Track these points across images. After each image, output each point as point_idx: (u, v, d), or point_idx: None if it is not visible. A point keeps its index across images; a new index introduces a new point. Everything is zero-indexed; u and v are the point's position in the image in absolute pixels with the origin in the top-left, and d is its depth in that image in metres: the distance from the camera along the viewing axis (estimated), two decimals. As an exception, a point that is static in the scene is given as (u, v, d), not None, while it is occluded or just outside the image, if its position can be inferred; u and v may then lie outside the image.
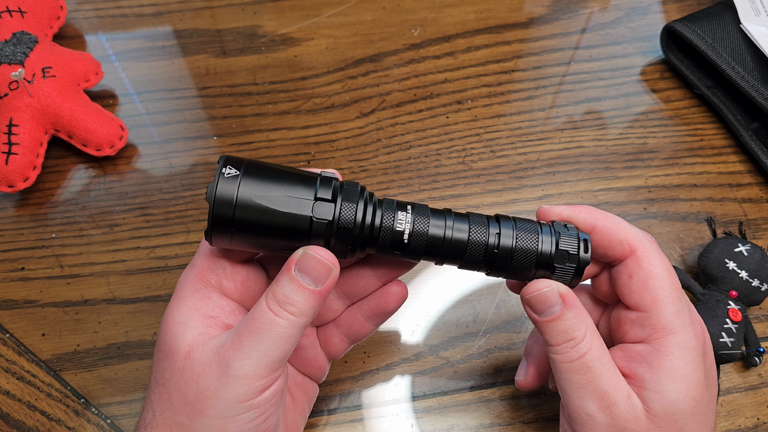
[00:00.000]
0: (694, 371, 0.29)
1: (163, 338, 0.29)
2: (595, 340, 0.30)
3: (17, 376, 0.41)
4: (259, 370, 0.27)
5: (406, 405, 0.41)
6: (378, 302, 0.34)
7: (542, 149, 0.51)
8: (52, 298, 0.44)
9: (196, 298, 0.30)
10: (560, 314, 0.30)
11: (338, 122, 0.52)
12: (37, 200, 0.48)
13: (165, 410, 0.28)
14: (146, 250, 0.45)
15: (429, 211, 0.30)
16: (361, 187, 0.30)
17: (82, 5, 0.58)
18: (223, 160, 0.28)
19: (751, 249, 0.42)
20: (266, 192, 0.28)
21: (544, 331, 0.31)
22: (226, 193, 0.28)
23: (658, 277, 0.30)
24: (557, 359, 0.30)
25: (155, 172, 0.49)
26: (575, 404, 0.30)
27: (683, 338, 0.29)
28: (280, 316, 0.28)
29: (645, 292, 0.30)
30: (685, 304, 0.30)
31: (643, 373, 0.29)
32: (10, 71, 0.45)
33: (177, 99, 0.53)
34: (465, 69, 0.55)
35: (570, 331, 0.30)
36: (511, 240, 0.30)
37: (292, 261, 0.28)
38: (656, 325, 0.29)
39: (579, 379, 0.29)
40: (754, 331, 0.42)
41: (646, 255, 0.30)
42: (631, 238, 0.30)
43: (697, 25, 0.51)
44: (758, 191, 0.49)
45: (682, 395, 0.28)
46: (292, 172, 0.29)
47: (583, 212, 0.32)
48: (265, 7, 0.58)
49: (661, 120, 0.53)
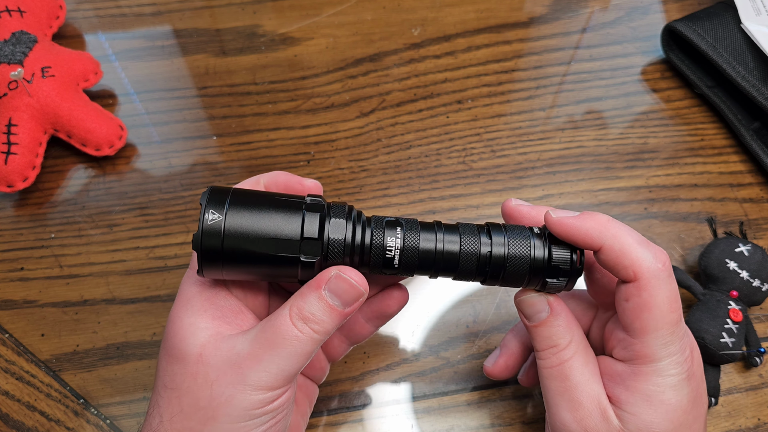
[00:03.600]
0: (673, 396, 0.29)
1: (170, 341, 0.29)
2: (580, 350, 0.30)
3: (16, 376, 0.41)
4: (276, 383, 0.28)
5: (406, 405, 0.40)
6: (379, 305, 0.34)
7: (543, 149, 0.51)
8: (52, 299, 0.43)
9: (202, 299, 0.30)
10: (546, 320, 0.30)
11: (338, 122, 0.52)
12: (37, 200, 0.47)
13: (174, 415, 0.28)
14: (145, 250, 0.45)
15: (419, 226, 0.30)
16: (348, 207, 0.30)
17: (81, 5, 0.57)
18: (205, 200, 0.28)
19: (751, 249, 0.42)
20: (252, 237, 0.28)
21: (532, 335, 0.31)
22: (211, 245, 0.28)
23: (654, 309, 0.28)
24: (540, 364, 0.31)
25: (154, 172, 0.49)
26: (552, 411, 0.30)
27: (666, 366, 0.29)
28: (303, 333, 0.28)
29: (636, 320, 0.29)
30: (679, 334, 0.29)
31: (620, 393, 0.29)
32: (9, 71, 0.45)
33: (176, 99, 0.53)
34: (465, 68, 0.55)
35: (555, 337, 0.30)
36: (503, 248, 0.30)
37: (323, 280, 0.28)
38: (639, 352, 0.29)
39: (557, 386, 0.30)
40: (754, 331, 0.42)
41: (648, 285, 0.28)
42: (638, 266, 0.28)
43: (697, 24, 0.51)
44: (759, 191, 0.49)
45: (658, 419, 0.28)
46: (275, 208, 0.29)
47: (592, 230, 0.29)
48: (265, 7, 0.58)
49: (662, 120, 0.53)
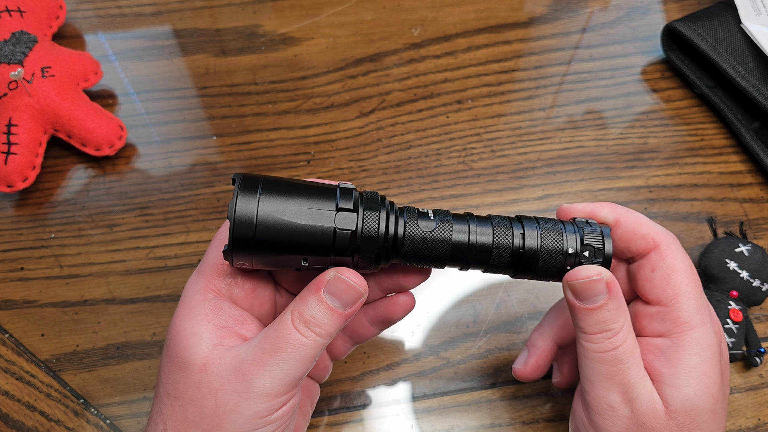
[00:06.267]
0: (712, 368, 0.29)
1: (174, 349, 0.29)
2: (631, 333, 0.30)
3: (16, 376, 0.41)
4: (282, 389, 0.27)
5: (406, 405, 0.40)
6: (385, 310, 0.34)
7: (543, 149, 0.51)
8: (52, 299, 0.43)
9: (207, 307, 0.29)
10: (603, 304, 0.29)
11: (338, 122, 0.52)
12: (37, 200, 0.47)
13: (179, 423, 0.28)
14: (145, 250, 0.45)
15: (451, 217, 0.30)
16: (381, 196, 0.29)
17: (81, 5, 0.57)
18: (239, 178, 0.28)
19: (751, 249, 0.42)
20: (286, 207, 0.27)
21: (582, 317, 0.30)
22: (245, 212, 0.27)
23: (681, 272, 0.30)
24: (589, 347, 0.30)
25: (154, 172, 0.49)
26: (599, 394, 0.30)
27: (703, 334, 0.29)
28: (305, 336, 0.28)
29: (668, 287, 0.30)
30: (705, 302, 0.30)
31: (661, 367, 0.29)
32: (9, 71, 0.45)
33: (176, 99, 0.52)
34: (465, 68, 0.55)
35: (609, 321, 0.29)
36: (536, 240, 0.30)
37: (322, 283, 0.28)
38: (677, 319, 0.29)
39: (607, 370, 0.29)
40: (754, 331, 0.42)
41: (669, 250, 0.30)
42: (655, 233, 0.31)
43: (697, 24, 0.51)
44: (759, 191, 0.49)
45: (700, 392, 0.28)
46: (311, 185, 0.29)
47: (605, 207, 0.32)
48: (265, 7, 0.58)
49: (662, 120, 0.53)
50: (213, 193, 0.48)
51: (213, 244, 0.31)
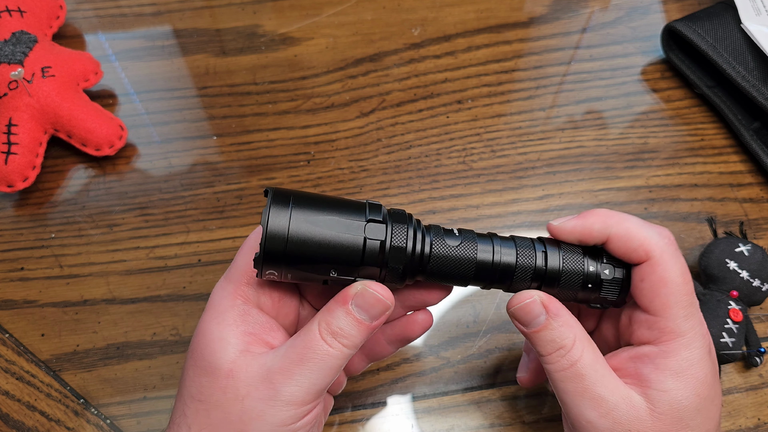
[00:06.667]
0: (699, 370, 0.29)
1: (200, 353, 0.29)
2: (586, 346, 0.30)
3: (16, 376, 0.41)
4: (307, 397, 0.28)
5: (407, 405, 0.40)
6: (403, 329, 0.34)
7: (543, 149, 0.51)
8: (52, 298, 0.43)
9: (235, 313, 0.30)
10: (546, 324, 0.30)
11: (338, 122, 0.52)
12: (37, 200, 0.47)
13: (203, 427, 0.28)
14: (146, 250, 0.45)
15: (476, 236, 0.31)
16: (408, 213, 0.30)
17: (81, 5, 0.57)
18: (272, 192, 0.28)
19: (751, 249, 0.42)
20: (316, 220, 0.28)
21: (534, 342, 0.31)
22: (278, 226, 0.27)
23: (670, 284, 0.29)
24: (550, 369, 0.30)
25: (154, 172, 0.49)
26: (575, 412, 0.30)
27: (690, 340, 0.29)
28: (333, 347, 0.28)
29: (656, 298, 0.30)
30: (695, 307, 0.30)
31: (649, 373, 0.29)
32: (9, 71, 0.45)
33: (176, 99, 0.53)
34: (465, 68, 0.55)
35: (558, 339, 0.30)
36: (558, 262, 0.30)
37: (349, 295, 0.29)
38: (664, 329, 0.30)
39: (574, 387, 0.30)
40: (754, 331, 0.42)
41: (661, 260, 0.30)
42: (647, 243, 0.30)
43: (697, 24, 0.51)
44: (759, 191, 0.49)
45: (687, 393, 0.29)
46: (340, 200, 0.29)
47: (596, 223, 0.31)
48: (265, 7, 0.58)
49: (662, 120, 0.53)
50: (213, 193, 0.48)
51: (242, 251, 0.31)
